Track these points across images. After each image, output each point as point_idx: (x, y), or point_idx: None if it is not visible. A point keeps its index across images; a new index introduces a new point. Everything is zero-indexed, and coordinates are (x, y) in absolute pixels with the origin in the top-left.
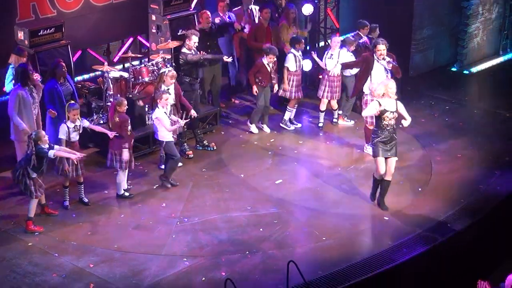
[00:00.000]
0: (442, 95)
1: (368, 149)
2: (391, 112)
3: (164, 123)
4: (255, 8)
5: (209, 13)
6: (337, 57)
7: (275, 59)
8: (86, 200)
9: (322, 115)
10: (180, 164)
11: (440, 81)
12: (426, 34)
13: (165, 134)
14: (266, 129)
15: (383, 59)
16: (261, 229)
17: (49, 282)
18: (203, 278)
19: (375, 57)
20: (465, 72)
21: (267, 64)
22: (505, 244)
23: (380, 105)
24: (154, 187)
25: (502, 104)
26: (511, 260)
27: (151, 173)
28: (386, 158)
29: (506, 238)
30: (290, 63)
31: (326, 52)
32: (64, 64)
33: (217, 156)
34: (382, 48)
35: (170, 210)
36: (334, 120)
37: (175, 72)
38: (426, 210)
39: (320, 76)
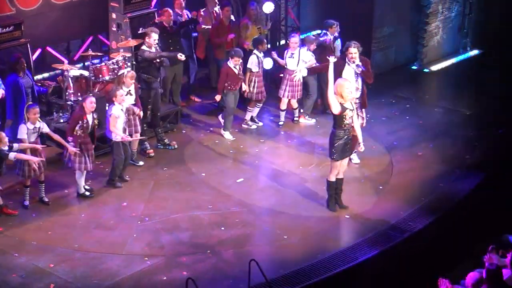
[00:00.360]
0: (402, 94)
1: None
2: (350, 110)
3: (117, 121)
4: (219, 9)
5: (171, 10)
6: (297, 56)
7: (241, 61)
8: (46, 199)
9: (282, 114)
10: (141, 163)
11: (401, 79)
12: (386, 32)
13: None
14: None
15: (353, 62)
16: (222, 228)
17: (9, 283)
18: (164, 278)
19: (346, 60)
20: (425, 70)
21: (234, 67)
22: (465, 242)
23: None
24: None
25: (462, 102)
26: (471, 259)
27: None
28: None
29: (466, 237)
30: (253, 64)
31: (286, 51)
32: (23, 60)
33: (178, 155)
34: (353, 51)
35: (131, 209)
36: (295, 119)
37: (134, 72)
38: (387, 208)
39: (281, 75)
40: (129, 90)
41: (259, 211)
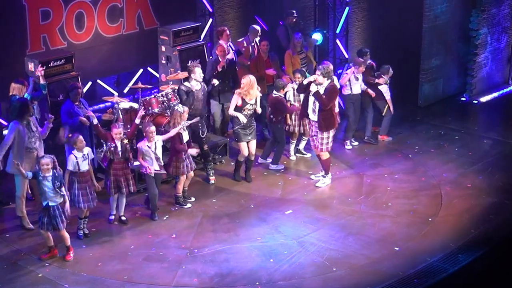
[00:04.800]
0: (451, 125)
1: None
2: (251, 104)
3: (144, 156)
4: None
5: (225, 45)
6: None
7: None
8: (86, 231)
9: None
10: (188, 205)
11: (450, 111)
12: (434, 63)
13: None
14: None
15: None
16: (271, 260)
17: None
18: None
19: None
20: (475, 101)
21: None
22: None
23: (242, 100)
24: (164, 218)
25: (511, 134)
26: None
27: (161, 203)
28: (247, 142)
29: None
30: (290, 96)
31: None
32: (80, 88)
33: (227, 186)
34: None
35: (180, 240)
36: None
37: (187, 108)
38: (437, 240)
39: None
40: (183, 126)
41: (308, 242)
